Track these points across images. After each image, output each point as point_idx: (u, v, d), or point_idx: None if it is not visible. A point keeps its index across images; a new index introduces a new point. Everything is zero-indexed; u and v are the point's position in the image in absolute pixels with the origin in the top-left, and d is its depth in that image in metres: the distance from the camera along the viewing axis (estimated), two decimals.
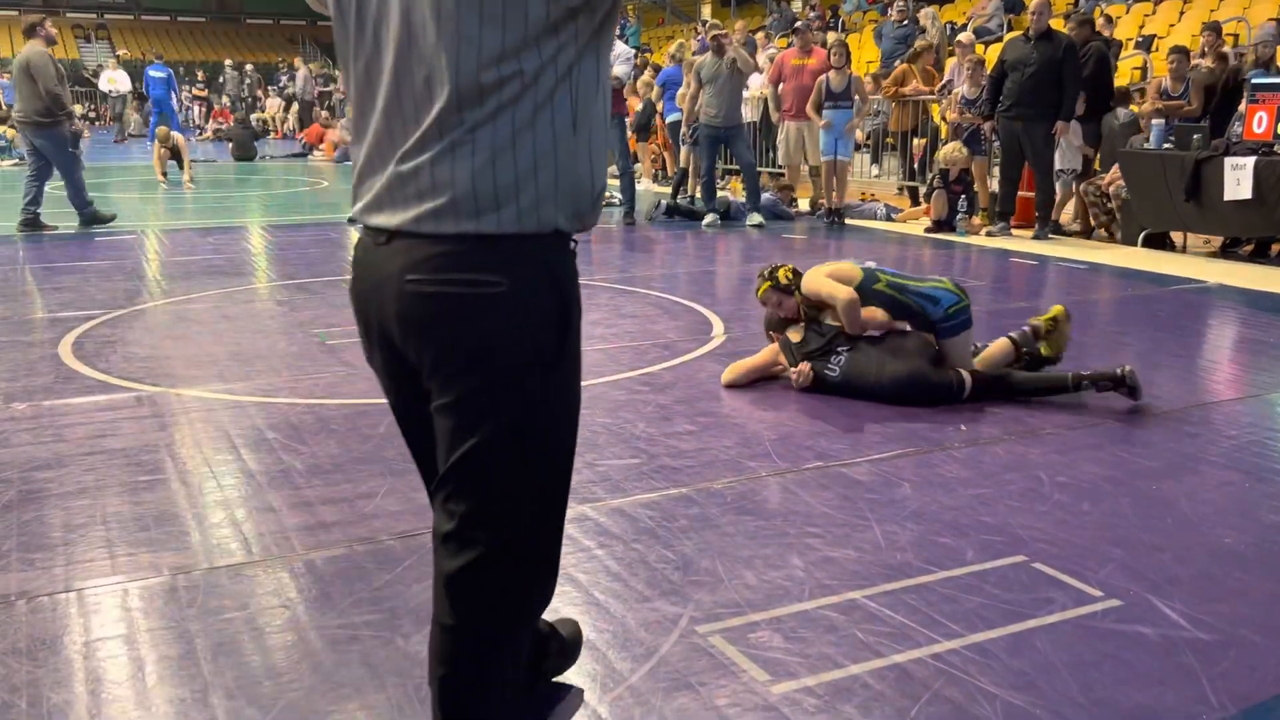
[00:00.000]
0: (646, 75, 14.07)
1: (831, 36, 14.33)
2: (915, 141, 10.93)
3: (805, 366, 4.20)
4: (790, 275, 4.37)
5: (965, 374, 4.07)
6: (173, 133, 14.65)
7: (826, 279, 4.23)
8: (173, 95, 20.52)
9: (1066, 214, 9.28)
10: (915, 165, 10.95)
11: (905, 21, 12.86)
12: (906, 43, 13.31)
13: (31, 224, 9.06)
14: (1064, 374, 4.13)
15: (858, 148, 9.56)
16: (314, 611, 2.48)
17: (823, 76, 9.49)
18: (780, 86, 10.23)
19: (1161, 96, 8.80)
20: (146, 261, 7.66)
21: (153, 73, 20.27)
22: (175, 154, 14.05)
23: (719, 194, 10.18)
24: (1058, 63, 8.23)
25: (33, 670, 2.23)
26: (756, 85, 12.30)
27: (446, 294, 1.52)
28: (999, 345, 4.29)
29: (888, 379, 4.06)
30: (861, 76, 10.33)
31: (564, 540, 2.90)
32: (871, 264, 4.38)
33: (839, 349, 4.19)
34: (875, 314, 4.24)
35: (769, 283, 4.39)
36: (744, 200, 10.06)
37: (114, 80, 22.30)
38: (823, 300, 4.28)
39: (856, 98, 9.55)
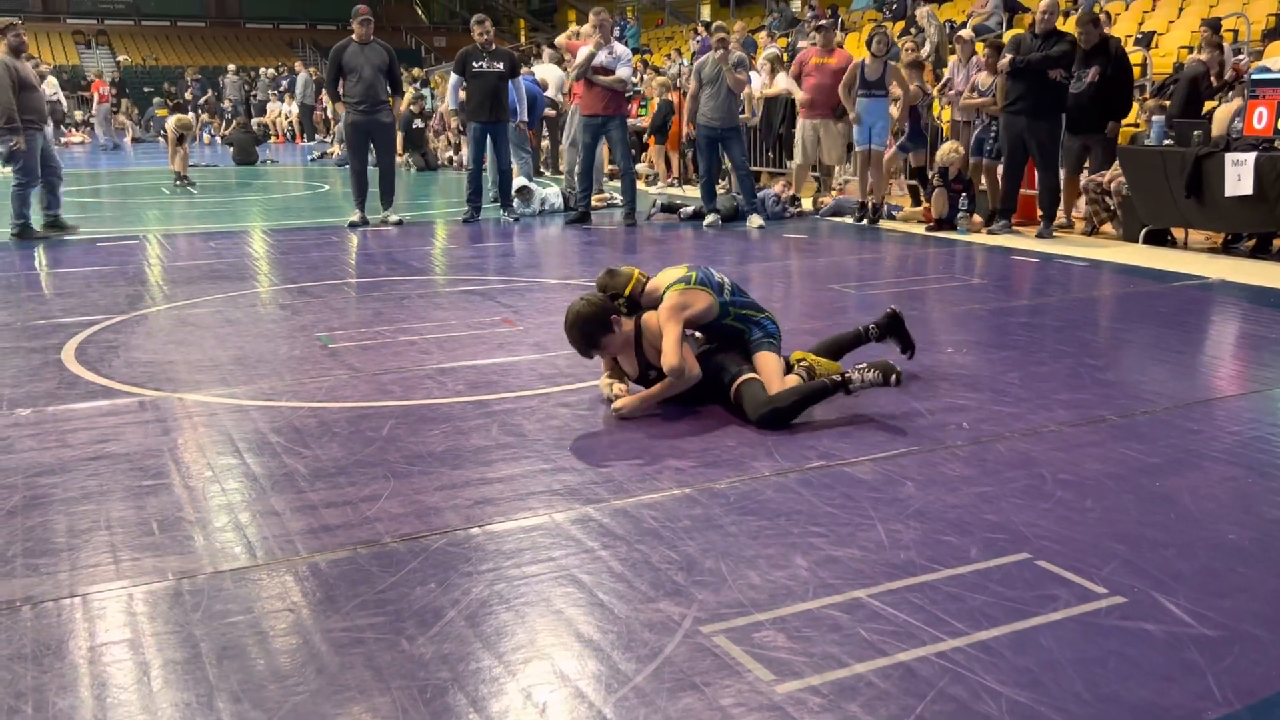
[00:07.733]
0: (664, 77, 14.09)
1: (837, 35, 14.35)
2: None
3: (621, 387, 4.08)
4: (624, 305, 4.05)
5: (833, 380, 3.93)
6: (186, 117, 14.37)
7: (679, 342, 3.87)
8: None
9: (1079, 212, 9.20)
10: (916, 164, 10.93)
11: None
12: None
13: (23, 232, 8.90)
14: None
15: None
16: (318, 615, 2.48)
17: (857, 62, 9.41)
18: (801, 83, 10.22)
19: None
20: (149, 266, 7.66)
21: None
22: (181, 140, 13.58)
23: (720, 194, 10.18)
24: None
25: (38, 675, 2.23)
26: (756, 86, 12.29)
27: None
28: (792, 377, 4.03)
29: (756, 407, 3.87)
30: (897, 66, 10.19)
31: (568, 541, 2.90)
32: (721, 283, 4.09)
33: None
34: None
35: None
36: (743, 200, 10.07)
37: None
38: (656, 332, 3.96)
39: (893, 86, 9.49)
